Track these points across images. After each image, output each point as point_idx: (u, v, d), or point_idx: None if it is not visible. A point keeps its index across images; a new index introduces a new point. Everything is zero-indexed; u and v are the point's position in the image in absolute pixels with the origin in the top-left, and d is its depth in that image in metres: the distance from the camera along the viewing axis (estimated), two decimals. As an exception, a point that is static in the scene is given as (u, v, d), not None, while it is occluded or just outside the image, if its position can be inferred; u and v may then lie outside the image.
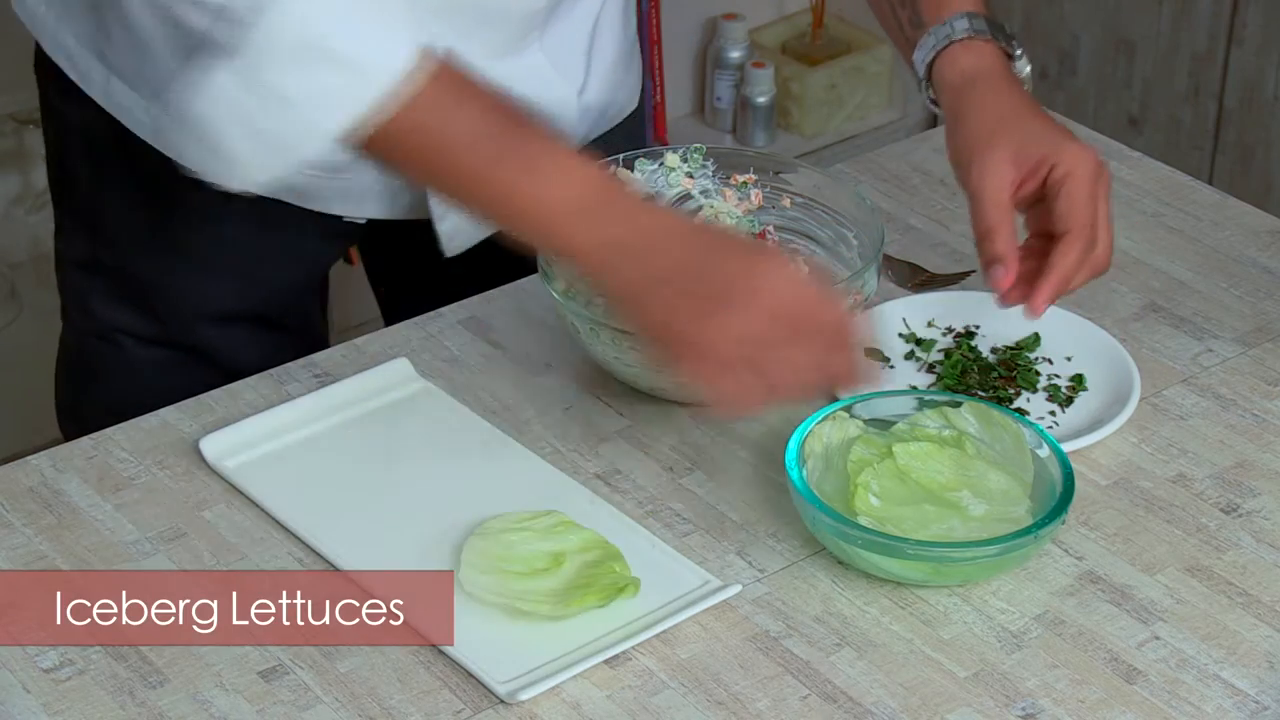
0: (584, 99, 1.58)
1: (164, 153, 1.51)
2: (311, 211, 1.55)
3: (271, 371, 1.46)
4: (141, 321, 1.59)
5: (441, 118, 1.24)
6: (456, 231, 1.56)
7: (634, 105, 1.69)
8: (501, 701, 1.18)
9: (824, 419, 1.32)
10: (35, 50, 1.58)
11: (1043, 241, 1.37)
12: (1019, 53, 1.43)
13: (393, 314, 1.72)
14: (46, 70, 1.57)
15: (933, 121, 3.39)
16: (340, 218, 1.56)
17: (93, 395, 1.63)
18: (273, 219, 1.55)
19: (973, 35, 1.40)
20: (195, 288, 1.58)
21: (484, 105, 1.25)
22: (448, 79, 1.24)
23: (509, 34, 1.48)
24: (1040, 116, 1.38)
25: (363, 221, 1.58)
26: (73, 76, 1.53)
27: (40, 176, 2.74)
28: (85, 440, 1.39)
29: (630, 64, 1.66)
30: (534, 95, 1.51)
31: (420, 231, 1.61)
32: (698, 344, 1.23)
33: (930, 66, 1.42)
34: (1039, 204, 1.37)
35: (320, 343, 1.64)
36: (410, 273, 1.71)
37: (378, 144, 1.25)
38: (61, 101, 1.56)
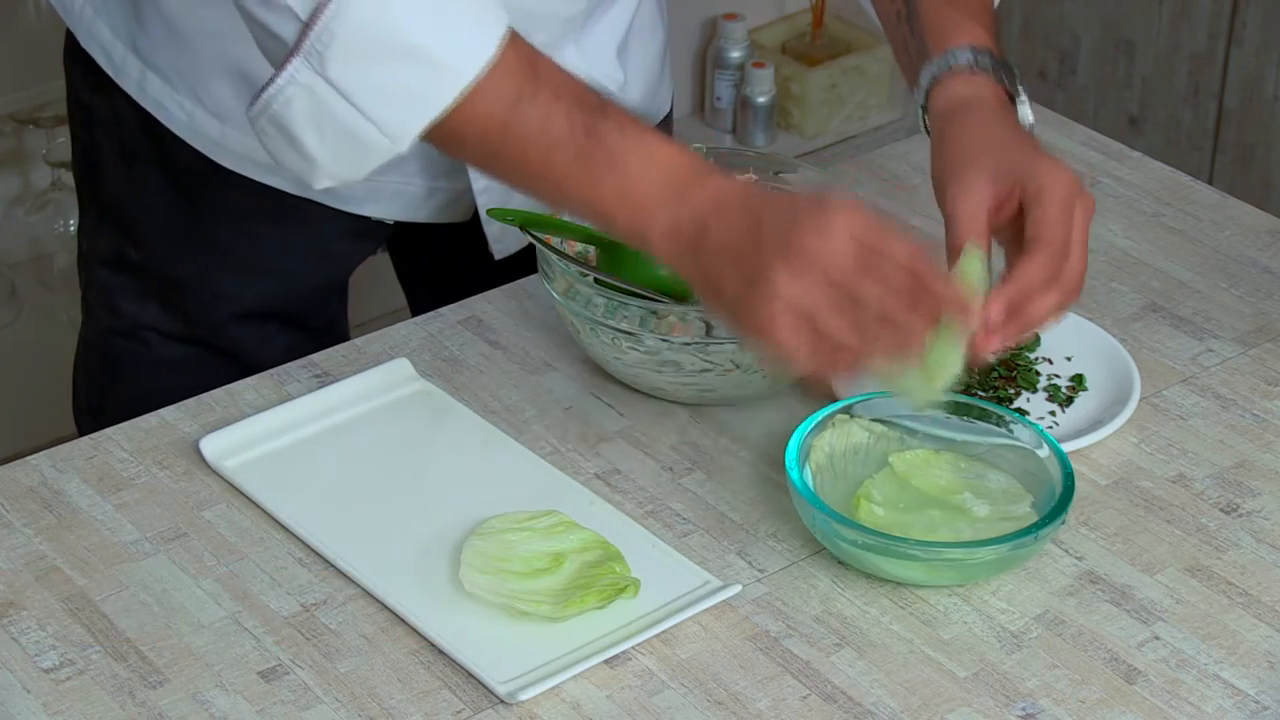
0: (625, 99, 1.58)
1: (199, 149, 1.52)
2: (342, 211, 1.55)
3: (271, 371, 1.46)
4: (168, 318, 1.59)
5: (518, 114, 1.23)
6: (504, 233, 1.56)
7: (667, 110, 1.69)
8: (501, 701, 1.18)
9: (825, 425, 1.32)
10: (66, 42, 1.58)
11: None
12: (1022, 96, 1.38)
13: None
14: (78, 63, 1.56)
15: (933, 121, 3.39)
16: (370, 218, 1.57)
17: (115, 394, 1.63)
18: (303, 218, 1.55)
19: (974, 69, 1.37)
20: (224, 285, 1.58)
21: (559, 98, 1.23)
22: (523, 71, 1.23)
23: (548, 36, 1.48)
24: (1028, 143, 1.33)
25: (391, 223, 1.58)
26: (106, 69, 1.53)
27: (40, 176, 2.74)
28: (85, 440, 1.39)
29: (663, 70, 1.67)
30: None
31: (451, 233, 1.61)
32: (752, 313, 1.20)
33: (928, 93, 1.38)
34: (1019, 233, 1.31)
35: (342, 342, 1.64)
36: (438, 275, 1.72)
37: (456, 139, 1.25)
38: (92, 95, 1.56)
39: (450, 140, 1.25)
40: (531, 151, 1.24)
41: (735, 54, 3.21)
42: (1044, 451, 1.31)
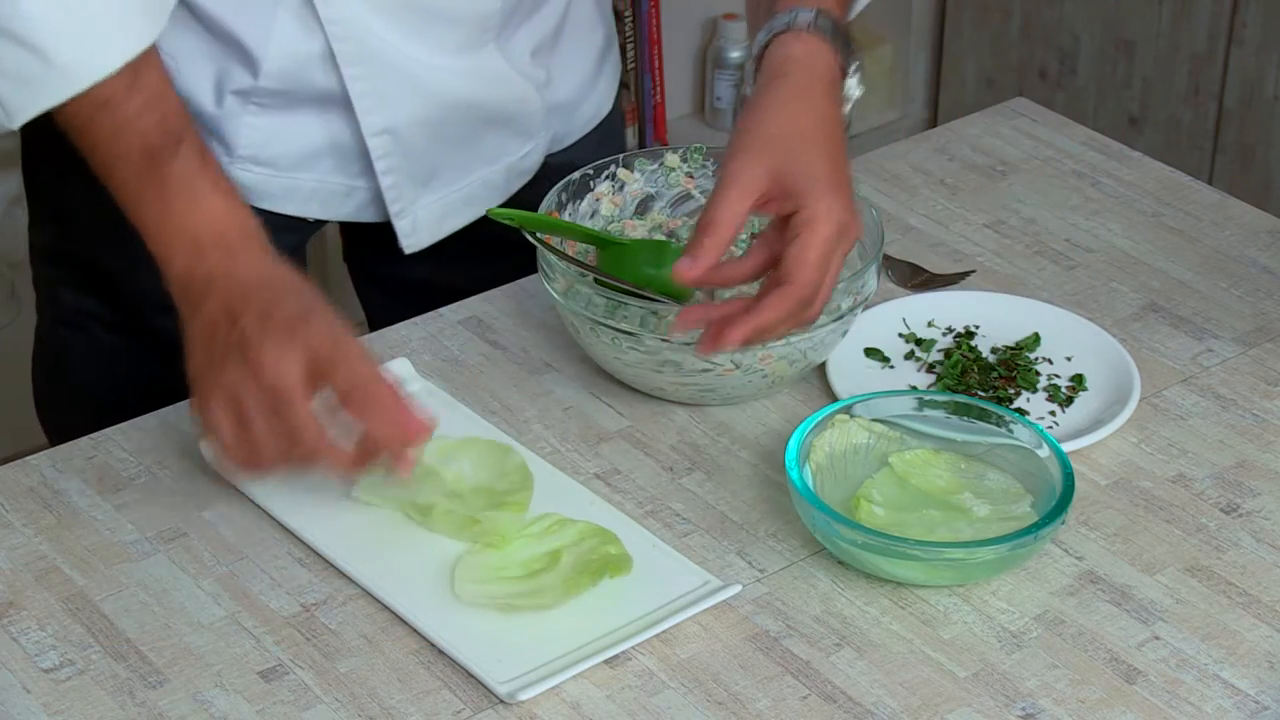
0: (548, 98, 1.58)
1: None
2: (259, 208, 1.55)
3: (271, 371, 1.45)
4: (107, 308, 1.60)
5: (95, 120, 1.29)
6: (415, 228, 1.56)
7: (609, 108, 1.68)
8: (501, 701, 1.18)
9: (825, 425, 1.32)
10: None
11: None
12: (854, 67, 1.37)
13: (383, 320, 1.70)
14: None
15: (933, 121, 3.39)
16: (289, 215, 1.56)
17: (64, 383, 1.64)
18: None
19: (813, 30, 1.34)
20: (154, 277, 1.58)
21: (144, 123, 1.29)
22: (120, 80, 1.27)
23: (462, 34, 1.48)
24: (823, 147, 1.31)
25: (312, 220, 1.58)
26: None
27: (40, 177, 2.74)
28: (85, 440, 1.39)
29: (604, 67, 1.66)
30: (491, 92, 1.52)
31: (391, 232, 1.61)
32: (199, 389, 1.26)
33: (765, 48, 1.35)
34: (775, 224, 1.30)
35: None
36: (397, 276, 1.71)
37: (63, 127, 1.31)
38: None
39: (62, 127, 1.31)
40: (97, 156, 1.30)
41: (735, 54, 3.21)
42: (1044, 451, 1.31)
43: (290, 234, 1.62)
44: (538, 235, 1.41)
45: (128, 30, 1.28)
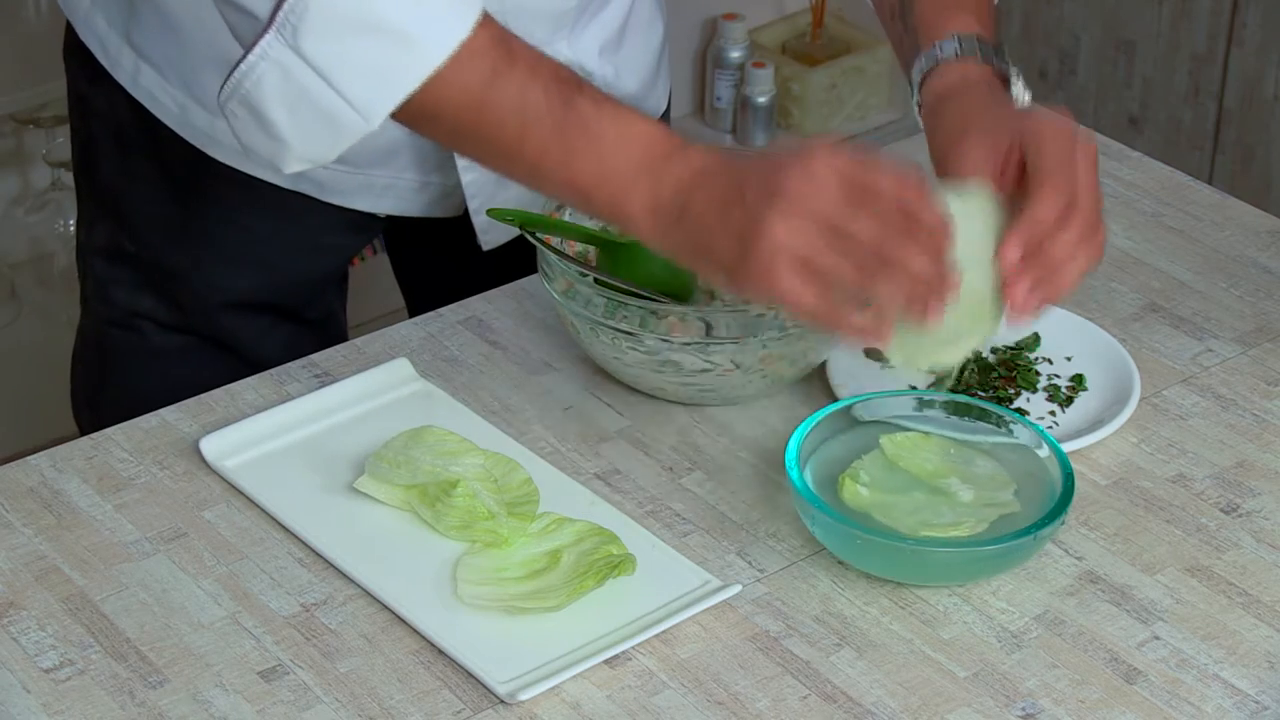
0: (616, 95, 1.58)
1: (190, 141, 1.52)
2: (334, 205, 1.55)
3: (271, 371, 1.46)
4: (163, 308, 1.60)
5: (494, 90, 1.23)
6: (492, 225, 1.57)
7: (664, 107, 1.69)
8: (501, 701, 1.18)
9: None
10: (65, 35, 1.59)
11: None
12: (1016, 76, 1.37)
13: (418, 312, 1.72)
14: (76, 55, 1.57)
15: (933, 121, 3.39)
16: (361, 211, 1.57)
17: (112, 384, 1.63)
18: (295, 210, 1.55)
19: (960, 57, 1.36)
20: (217, 276, 1.58)
21: (535, 75, 1.24)
22: (498, 49, 1.23)
23: (538, 31, 1.48)
24: (1019, 109, 1.32)
25: (383, 217, 1.59)
26: (102, 61, 1.53)
27: (40, 176, 2.74)
28: (85, 440, 1.39)
29: (661, 63, 1.67)
30: None
31: (446, 228, 1.61)
32: (750, 267, 1.19)
33: (921, 88, 1.38)
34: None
35: (340, 336, 1.64)
36: (436, 271, 1.72)
37: (430, 116, 1.24)
38: (89, 88, 1.57)
39: (424, 117, 1.25)
40: (507, 128, 1.24)
41: (735, 54, 3.21)
42: (1044, 451, 1.31)
43: (358, 234, 1.63)
44: (538, 235, 1.41)
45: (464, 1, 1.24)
